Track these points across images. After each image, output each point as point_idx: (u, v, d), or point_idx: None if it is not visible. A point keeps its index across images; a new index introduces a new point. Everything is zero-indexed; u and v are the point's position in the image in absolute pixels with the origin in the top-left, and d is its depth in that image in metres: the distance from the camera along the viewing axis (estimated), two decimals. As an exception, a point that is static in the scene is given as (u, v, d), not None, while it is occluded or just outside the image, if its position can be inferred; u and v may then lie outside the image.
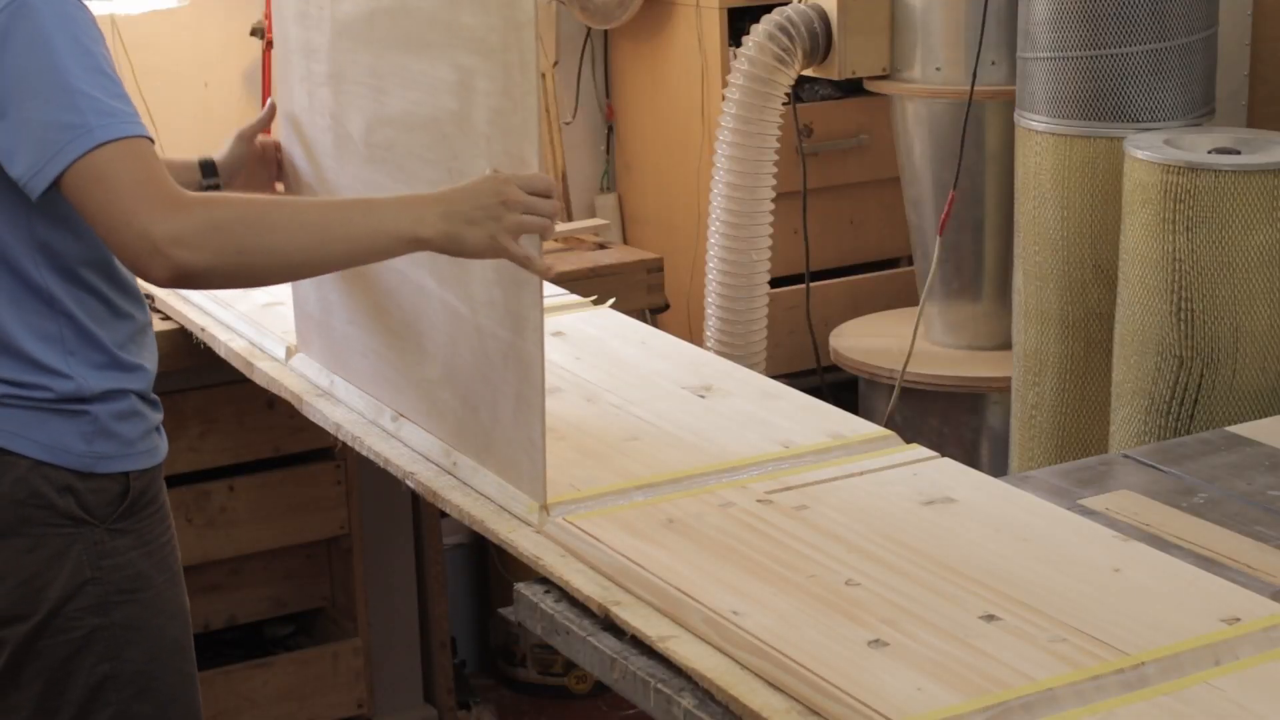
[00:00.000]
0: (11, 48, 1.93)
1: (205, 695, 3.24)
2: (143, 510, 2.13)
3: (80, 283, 2.07)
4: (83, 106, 1.93)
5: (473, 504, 2.14)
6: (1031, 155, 3.05)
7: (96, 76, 1.96)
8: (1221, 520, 2.08)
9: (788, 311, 3.91)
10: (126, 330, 2.13)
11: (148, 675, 2.13)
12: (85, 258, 2.07)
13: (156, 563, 2.14)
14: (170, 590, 2.17)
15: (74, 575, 2.08)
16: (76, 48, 1.96)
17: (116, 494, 2.10)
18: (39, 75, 1.93)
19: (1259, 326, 2.66)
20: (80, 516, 2.07)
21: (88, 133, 1.92)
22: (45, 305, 2.05)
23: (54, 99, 1.93)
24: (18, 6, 1.94)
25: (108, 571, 2.09)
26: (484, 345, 2.13)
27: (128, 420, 2.11)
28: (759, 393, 2.46)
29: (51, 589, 2.07)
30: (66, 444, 2.06)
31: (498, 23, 2.00)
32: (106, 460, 2.09)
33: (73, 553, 2.07)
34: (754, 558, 1.92)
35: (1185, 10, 2.95)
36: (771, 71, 3.56)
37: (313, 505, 3.33)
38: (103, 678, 2.11)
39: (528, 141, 1.98)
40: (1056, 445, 3.08)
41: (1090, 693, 1.64)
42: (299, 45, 2.48)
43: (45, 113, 1.93)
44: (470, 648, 4.18)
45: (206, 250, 1.92)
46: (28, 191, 1.97)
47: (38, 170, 1.94)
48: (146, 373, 2.15)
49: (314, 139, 2.47)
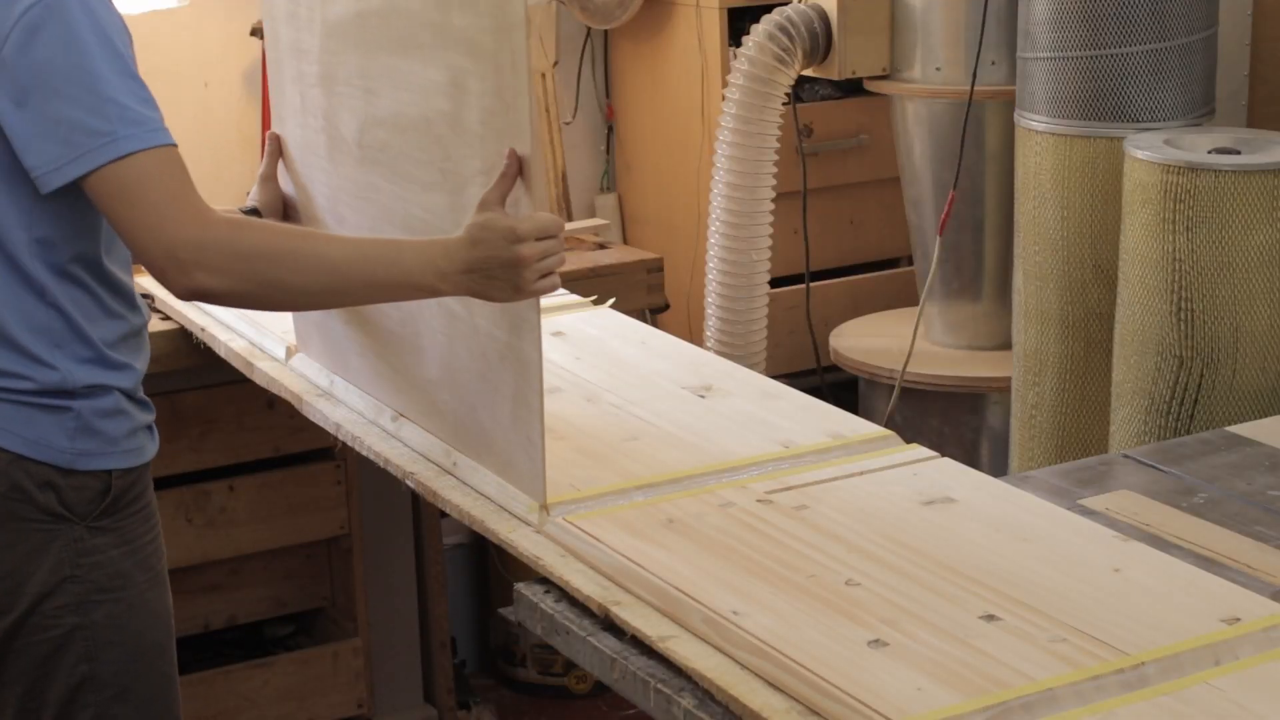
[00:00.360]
0: (41, 41, 1.94)
1: (205, 695, 3.26)
2: (125, 509, 2.12)
3: (71, 279, 2.07)
4: (111, 113, 1.95)
5: (472, 504, 2.14)
6: (1031, 155, 3.05)
7: (127, 81, 1.98)
8: (1221, 520, 2.08)
9: (788, 311, 3.91)
10: (117, 330, 2.12)
11: (128, 676, 2.12)
12: (78, 255, 2.07)
13: (138, 562, 2.13)
14: (152, 591, 2.16)
15: (54, 572, 2.07)
16: (109, 50, 1.97)
17: (98, 491, 2.09)
18: (68, 74, 1.94)
19: (1259, 326, 2.66)
20: (60, 513, 2.07)
21: (114, 141, 1.95)
22: (37, 296, 2.05)
23: (82, 100, 1.95)
24: (52, 2, 1.95)
25: (88, 569, 2.09)
26: (482, 345, 2.13)
27: (111, 418, 2.10)
28: (759, 393, 2.46)
29: (31, 585, 2.07)
30: (49, 439, 2.06)
31: (489, 24, 2.00)
32: (88, 457, 2.08)
33: (53, 549, 2.07)
34: (754, 558, 1.92)
35: (1185, 10, 2.95)
36: (771, 71, 3.56)
37: (313, 505, 3.33)
38: (82, 678, 2.10)
39: (521, 141, 1.98)
40: (1056, 445, 3.08)
41: (1090, 693, 1.64)
42: (289, 46, 2.47)
43: (72, 112, 1.95)
44: (470, 648, 4.18)
45: (228, 276, 1.97)
46: (40, 184, 1.98)
47: (56, 167, 1.96)
48: (134, 372, 2.15)
49: (307, 140, 2.47)
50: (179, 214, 1.96)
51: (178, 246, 1.95)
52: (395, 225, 2.27)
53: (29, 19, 1.94)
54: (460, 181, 2.11)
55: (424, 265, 2.01)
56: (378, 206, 2.31)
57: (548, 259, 1.99)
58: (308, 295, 2.06)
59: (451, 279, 2.00)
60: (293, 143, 2.52)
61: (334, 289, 2.04)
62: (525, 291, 1.99)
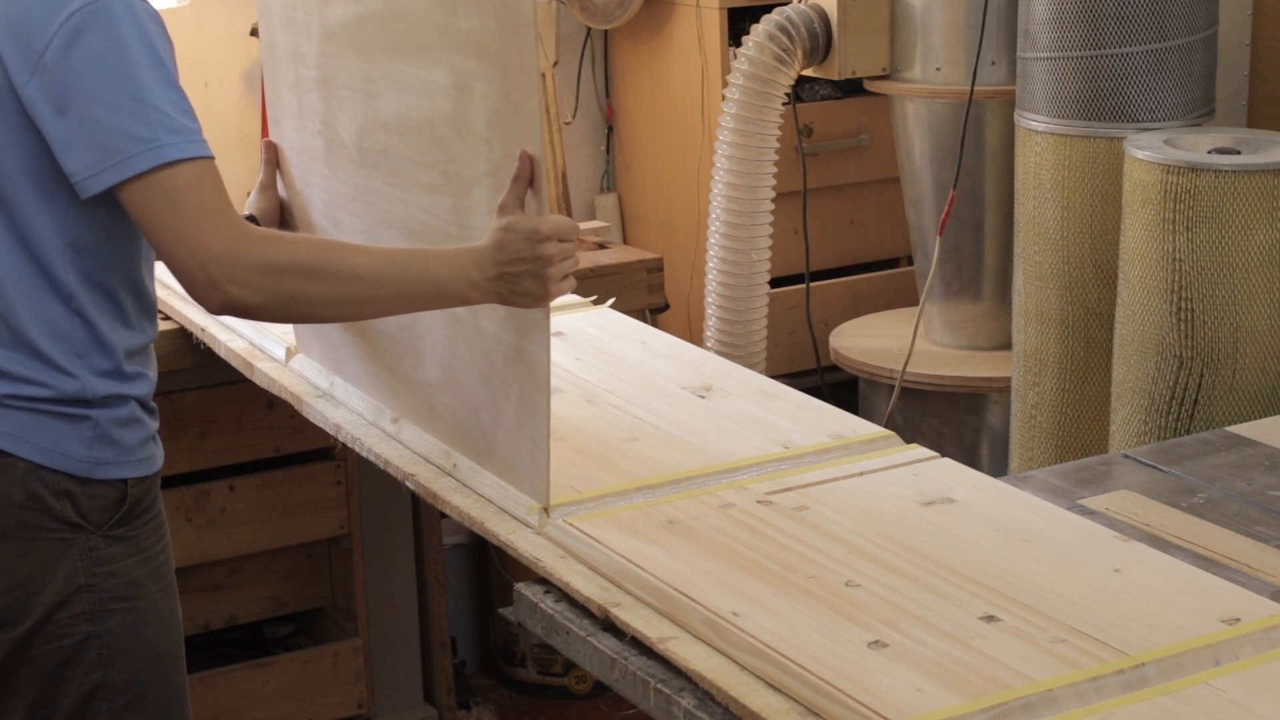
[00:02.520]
0: (85, 46, 1.94)
1: (205, 695, 3.26)
2: (139, 518, 2.12)
3: (101, 288, 2.06)
4: (154, 120, 1.95)
5: (473, 506, 2.14)
6: (1031, 155, 3.05)
7: (169, 90, 1.98)
8: (1221, 520, 2.08)
9: (788, 311, 3.91)
10: (136, 342, 2.12)
11: (140, 685, 2.12)
12: (112, 265, 2.07)
13: (151, 571, 2.13)
14: (165, 600, 2.15)
15: (68, 581, 2.06)
16: (152, 58, 1.97)
17: (114, 500, 2.09)
18: (112, 80, 1.94)
19: (1259, 326, 2.66)
20: (77, 522, 2.06)
21: (156, 149, 1.94)
22: (63, 303, 2.04)
23: (124, 107, 1.94)
24: (98, 7, 1.94)
25: (102, 579, 2.08)
26: (485, 348, 2.13)
27: (128, 427, 2.10)
28: (759, 393, 2.46)
29: (45, 594, 2.06)
30: (66, 448, 2.05)
31: (495, 26, 2.00)
32: (105, 466, 2.08)
33: (68, 558, 2.06)
34: (754, 559, 1.92)
35: (1185, 10, 2.95)
36: (771, 71, 3.56)
37: (313, 505, 3.33)
38: (94, 686, 2.09)
39: (530, 143, 1.98)
40: (1056, 445, 3.08)
41: (1090, 693, 1.64)
42: (286, 51, 2.47)
43: (114, 119, 1.94)
44: (470, 648, 4.18)
45: (260, 292, 1.97)
46: (79, 190, 1.98)
47: (95, 173, 1.95)
48: (148, 380, 2.15)
49: (304, 145, 2.47)
50: (215, 227, 1.95)
51: (211, 260, 1.95)
52: (394, 228, 2.26)
53: (73, 23, 1.94)
54: (464, 184, 2.11)
55: (455, 274, 2.01)
56: (376, 210, 2.30)
57: (566, 261, 2.00)
58: (339, 309, 2.06)
59: (482, 286, 2.00)
60: (289, 148, 2.52)
61: (366, 299, 2.04)
62: (550, 293, 2.00)
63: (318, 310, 2.07)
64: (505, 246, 1.99)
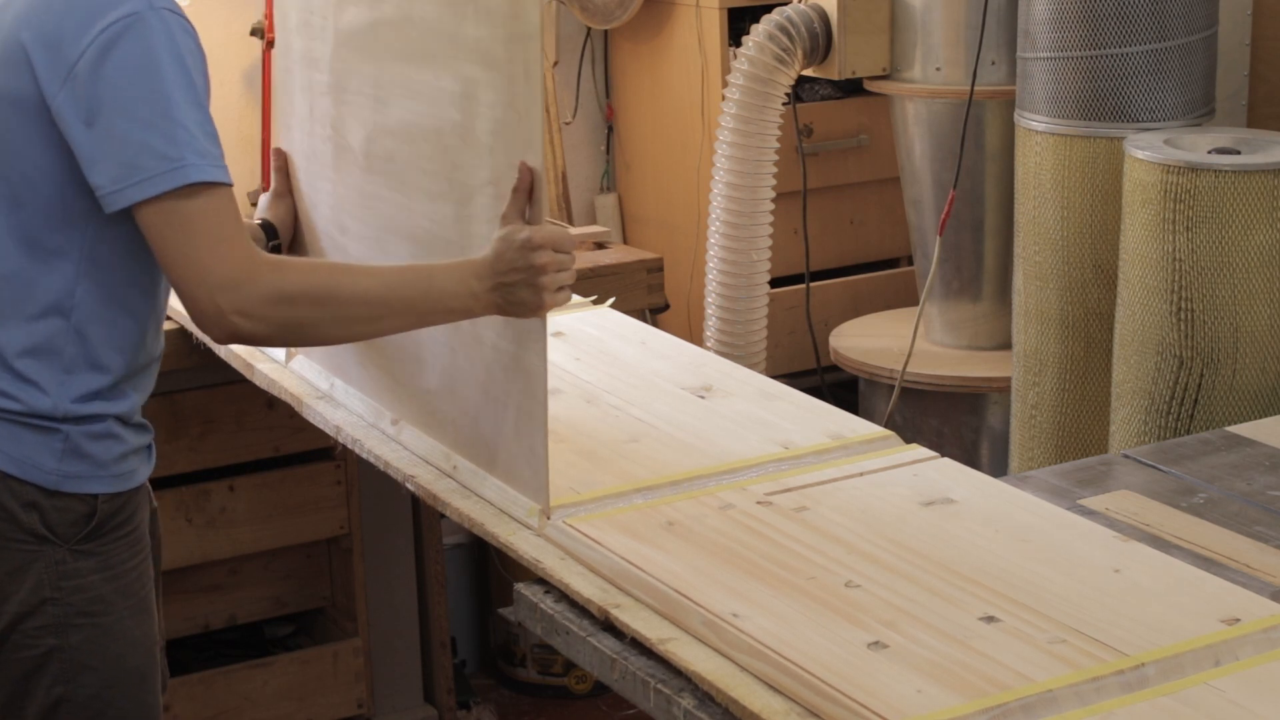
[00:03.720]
0: (117, 59, 1.92)
1: (205, 695, 3.26)
2: (110, 534, 2.08)
3: (113, 305, 2.04)
4: (181, 140, 1.93)
5: (473, 508, 2.14)
6: (1031, 155, 3.05)
7: (197, 111, 1.96)
8: (1221, 520, 2.08)
9: (788, 311, 3.91)
10: (139, 363, 2.10)
11: (103, 702, 2.08)
12: (131, 284, 2.05)
13: (120, 588, 2.09)
14: (134, 618, 2.11)
15: (34, 593, 2.04)
16: (184, 77, 1.96)
17: (82, 515, 2.05)
18: (142, 97, 1.92)
19: (1259, 326, 2.66)
20: (43, 534, 2.03)
21: (181, 169, 1.93)
22: (62, 318, 2.02)
23: (153, 124, 1.93)
24: (133, 20, 1.93)
25: (68, 593, 2.05)
26: (485, 357, 2.13)
27: (101, 441, 2.06)
28: (759, 393, 2.46)
29: (11, 604, 2.04)
30: (36, 459, 2.03)
31: (502, 34, 2.00)
32: (74, 480, 2.04)
33: (34, 570, 2.03)
34: (754, 560, 1.92)
35: (1185, 10, 2.95)
36: (771, 71, 3.56)
37: (313, 505, 3.33)
38: (57, 700, 2.06)
39: (532, 153, 1.98)
40: (1056, 445, 3.08)
41: (1090, 694, 1.64)
42: (301, 55, 2.47)
43: (141, 134, 1.92)
44: (470, 648, 4.18)
45: (268, 323, 1.97)
46: (104, 204, 1.96)
47: (119, 188, 1.94)
48: (131, 398, 2.11)
49: (313, 149, 2.47)
50: (228, 256, 1.94)
51: (220, 290, 1.94)
52: (399, 234, 2.27)
53: (108, 35, 1.92)
54: (468, 192, 2.11)
55: (457, 286, 2.01)
56: (382, 216, 2.30)
57: (562, 272, 2.01)
58: (347, 328, 2.06)
59: (483, 298, 2.01)
60: (298, 152, 2.52)
61: (370, 320, 2.04)
62: (545, 303, 2.00)
63: (325, 334, 2.07)
64: (501, 256, 2.00)
